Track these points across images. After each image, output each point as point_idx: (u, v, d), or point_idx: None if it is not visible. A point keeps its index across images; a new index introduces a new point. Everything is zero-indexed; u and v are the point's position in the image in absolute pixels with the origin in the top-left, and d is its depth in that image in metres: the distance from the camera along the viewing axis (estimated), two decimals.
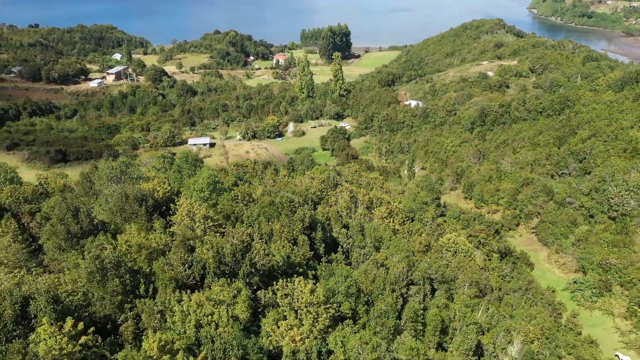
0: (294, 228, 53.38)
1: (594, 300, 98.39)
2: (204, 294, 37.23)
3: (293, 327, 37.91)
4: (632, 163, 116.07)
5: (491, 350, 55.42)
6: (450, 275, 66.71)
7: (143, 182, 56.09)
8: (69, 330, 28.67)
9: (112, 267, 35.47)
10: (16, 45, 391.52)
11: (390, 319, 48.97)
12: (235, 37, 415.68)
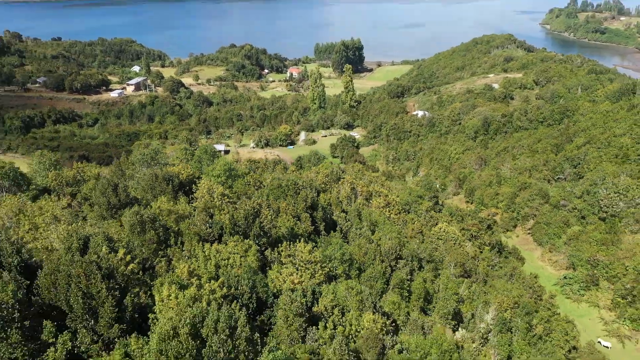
0: (297, 206, 62.86)
1: (581, 294, 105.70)
2: (221, 246, 46.70)
3: (293, 273, 47.13)
4: (622, 168, 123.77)
5: (469, 317, 63.83)
6: (438, 257, 75.39)
7: (169, 167, 66.31)
8: (121, 258, 38.23)
9: (149, 221, 45.24)
10: (40, 58, 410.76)
11: (378, 282, 57.93)
12: (250, 50, 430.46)
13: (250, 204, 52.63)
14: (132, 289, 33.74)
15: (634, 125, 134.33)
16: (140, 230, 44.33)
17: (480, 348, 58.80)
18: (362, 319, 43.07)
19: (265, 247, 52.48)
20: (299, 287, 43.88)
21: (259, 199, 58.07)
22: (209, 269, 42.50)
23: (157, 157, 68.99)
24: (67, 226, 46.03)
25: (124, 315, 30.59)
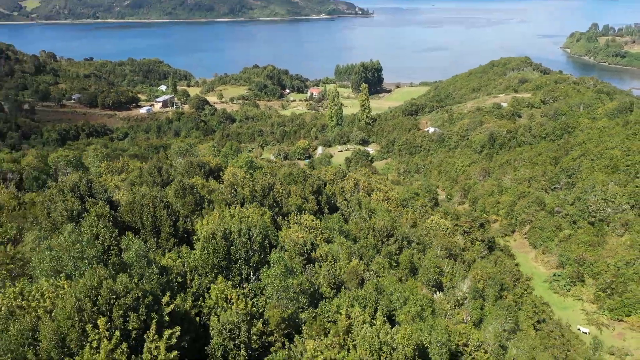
0: (305, 190, 77.52)
1: (567, 289, 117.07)
2: (243, 209, 61.44)
3: (298, 231, 61.57)
4: (611, 177, 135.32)
5: (448, 286, 77.07)
6: (427, 242, 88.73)
7: (201, 157, 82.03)
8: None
9: (188, 188, 60.50)
10: (73, 76, 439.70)
11: (369, 251, 71.87)
12: (272, 71, 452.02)
13: (266, 179, 67.70)
14: (181, 219, 48.69)
15: (626, 139, 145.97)
16: (182, 194, 59.57)
17: (454, 309, 71.81)
18: (350, 264, 57.19)
19: (277, 216, 67.18)
20: (301, 239, 58.28)
21: (274, 179, 73.07)
22: (234, 220, 57.35)
23: (191, 149, 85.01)
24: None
25: (177, 233, 45.38)
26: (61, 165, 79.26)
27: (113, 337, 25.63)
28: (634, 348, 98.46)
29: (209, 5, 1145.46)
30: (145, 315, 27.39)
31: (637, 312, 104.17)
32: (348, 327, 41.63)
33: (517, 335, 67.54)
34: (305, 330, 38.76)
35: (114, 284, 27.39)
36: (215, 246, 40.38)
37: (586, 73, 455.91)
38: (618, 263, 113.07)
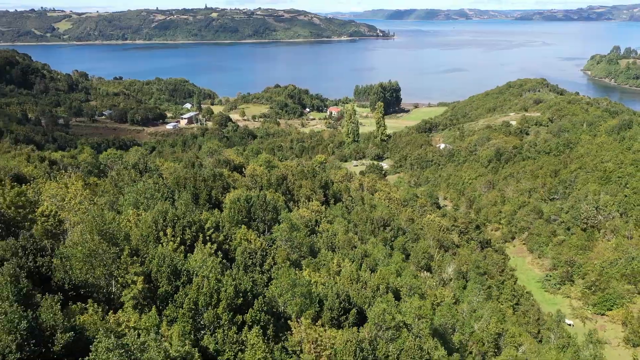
0: (314, 184, 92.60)
1: (558, 288, 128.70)
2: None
3: (306, 211, 76.51)
4: (604, 188, 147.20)
5: (436, 268, 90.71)
6: (422, 234, 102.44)
7: (226, 156, 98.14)
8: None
9: (218, 174, 76.20)
10: (103, 94, 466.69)
11: (367, 235, 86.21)
12: (293, 90, 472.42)
13: (280, 171, 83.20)
14: (214, 190, 64.31)
15: (620, 153, 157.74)
16: (212, 180, 75.32)
17: (440, 287, 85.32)
18: (346, 235, 71.77)
19: (289, 202, 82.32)
20: (308, 216, 73.22)
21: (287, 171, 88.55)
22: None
23: (219, 150, 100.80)
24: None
25: (210, 200, 60.80)
26: (110, 161, 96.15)
27: (175, 241, 40.92)
28: (613, 337, 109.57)
29: (233, 27, 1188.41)
30: (195, 232, 42.64)
31: (617, 306, 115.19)
32: (337, 270, 56.24)
33: (487, 303, 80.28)
34: (305, 267, 53.42)
35: (175, 212, 42.84)
36: (239, 206, 55.65)
37: (605, 95, 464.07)
38: (603, 264, 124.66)
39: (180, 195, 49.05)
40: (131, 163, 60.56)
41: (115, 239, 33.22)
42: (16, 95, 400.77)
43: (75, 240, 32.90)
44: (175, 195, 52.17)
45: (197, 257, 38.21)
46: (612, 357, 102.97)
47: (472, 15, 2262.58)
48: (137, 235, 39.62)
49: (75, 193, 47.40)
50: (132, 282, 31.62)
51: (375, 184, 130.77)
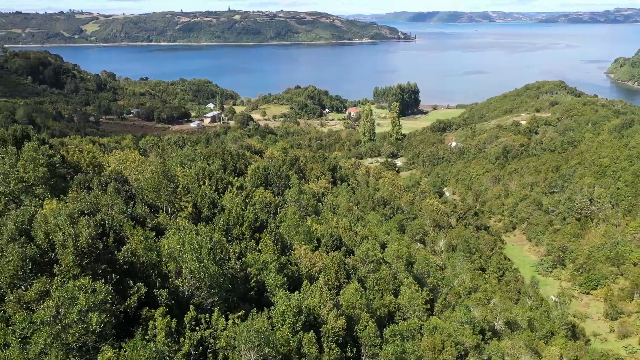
0: (324, 167, 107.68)
1: (550, 271, 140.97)
2: None
3: (315, 185, 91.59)
4: (598, 181, 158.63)
5: (429, 242, 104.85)
6: (419, 214, 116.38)
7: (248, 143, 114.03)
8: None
9: (241, 154, 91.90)
10: (130, 94, 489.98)
11: (367, 210, 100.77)
12: (313, 91, 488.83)
13: (293, 152, 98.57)
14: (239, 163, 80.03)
15: (617, 149, 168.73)
16: (237, 156, 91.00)
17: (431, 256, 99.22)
18: (347, 204, 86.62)
19: (300, 179, 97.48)
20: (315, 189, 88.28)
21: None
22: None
23: (241, 138, 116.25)
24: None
25: (236, 169, 76.36)
26: (149, 146, 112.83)
27: (212, 188, 56.35)
28: (594, 313, 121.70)
29: (256, 29, 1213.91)
30: (224, 185, 58.06)
31: (601, 286, 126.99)
32: (336, 226, 71.16)
33: (467, 264, 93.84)
34: (310, 220, 68.40)
35: (209, 167, 58.41)
36: (258, 173, 71.09)
37: (627, 97, 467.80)
38: (591, 248, 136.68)
39: (213, 162, 64.55)
40: (173, 140, 76.49)
41: (172, 179, 48.55)
42: (49, 95, 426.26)
43: (147, 177, 48.46)
44: (209, 161, 67.85)
45: (227, 196, 53.50)
46: (592, 328, 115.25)
47: (496, 17, 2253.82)
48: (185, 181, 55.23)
49: (134, 158, 63.28)
50: (184, 207, 46.79)
51: (381, 172, 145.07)
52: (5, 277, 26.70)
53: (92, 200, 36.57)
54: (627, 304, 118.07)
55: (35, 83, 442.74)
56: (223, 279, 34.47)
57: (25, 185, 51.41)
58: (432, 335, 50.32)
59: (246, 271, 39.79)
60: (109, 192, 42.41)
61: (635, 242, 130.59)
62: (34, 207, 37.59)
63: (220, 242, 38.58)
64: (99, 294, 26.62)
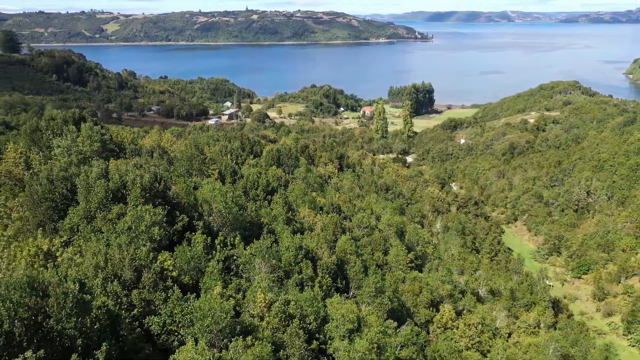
0: (332, 155, 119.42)
1: (546, 258, 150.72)
2: None
3: (323, 169, 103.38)
4: (596, 175, 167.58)
5: (427, 225, 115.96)
6: (419, 200, 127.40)
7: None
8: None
9: (257, 141, 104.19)
10: (150, 92, 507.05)
11: (370, 193, 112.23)
12: (328, 90, 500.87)
13: (304, 141, 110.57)
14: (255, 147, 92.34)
15: (616, 145, 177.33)
16: (254, 141, 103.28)
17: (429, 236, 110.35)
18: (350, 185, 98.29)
19: (310, 164, 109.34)
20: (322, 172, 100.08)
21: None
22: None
23: (258, 128, 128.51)
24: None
25: (253, 151, 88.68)
26: (175, 135, 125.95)
27: (232, 160, 68.62)
28: (583, 295, 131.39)
29: (273, 29, 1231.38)
30: (243, 159, 70.27)
31: (592, 270, 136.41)
32: (338, 198, 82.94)
33: (456, 240, 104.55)
34: (315, 194, 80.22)
35: (230, 145, 70.73)
36: (272, 154, 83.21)
37: None
38: (585, 237, 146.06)
39: (233, 143, 76.80)
40: (198, 127, 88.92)
41: (202, 151, 60.83)
42: (72, 92, 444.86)
43: (182, 149, 60.90)
44: (229, 142, 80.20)
45: (245, 167, 65.69)
46: (580, 308, 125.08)
47: (515, 17, 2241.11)
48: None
49: (168, 139, 75.84)
50: (211, 173, 58.86)
51: (387, 162, 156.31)
52: (95, 203, 39.10)
53: (144, 160, 48.96)
54: (614, 287, 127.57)
55: (59, 81, 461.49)
56: (242, 219, 46.62)
57: (83, 157, 64.33)
58: (412, 283, 61.77)
59: (260, 220, 51.89)
60: (155, 156, 54.78)
61: (625, 230, 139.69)
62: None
63: (240, 196, 50.74)
64: (158, 216, 38.90)
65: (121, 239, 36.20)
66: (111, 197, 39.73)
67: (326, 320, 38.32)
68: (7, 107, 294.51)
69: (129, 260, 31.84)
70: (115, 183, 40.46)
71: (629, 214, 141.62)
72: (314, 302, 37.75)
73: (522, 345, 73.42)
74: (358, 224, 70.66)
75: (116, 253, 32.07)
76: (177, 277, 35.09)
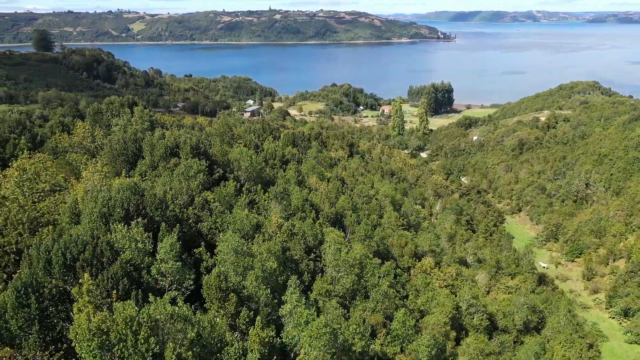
0: (343, 143, 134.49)
1: (544, 244, 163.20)
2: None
3: (333, 153, 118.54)
4: (595, 168, 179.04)
5: (428, 206, 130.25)
6: (423, 185, 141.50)
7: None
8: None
9: (276, 128, 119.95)
10: (175, 90, 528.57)
11: (376, 174, 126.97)
12: (348, 89, 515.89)
13: (318, 130, 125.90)
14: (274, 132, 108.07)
15: (617, 141, 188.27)
16: (274, 130, 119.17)
17: (429, 217, 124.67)
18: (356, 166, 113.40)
19: (322, 147, 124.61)
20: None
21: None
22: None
23: (277, 120, 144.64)
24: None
25: (273, 135, 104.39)
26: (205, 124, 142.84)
27: (255, 139, 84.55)
28: (574, 275, 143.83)
29: (296, 28, 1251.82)
30: (263, 139, 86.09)
31: (584, 254, 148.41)
32: (343, 175, 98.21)
33: (450, 216, 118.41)
34: (324, 171, 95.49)
35: (253, 126, 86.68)
36: (288, 136, 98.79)
37: None
38: (580, 224, 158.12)
39: (256, 124, 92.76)
40: (227, 112, 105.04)
41: (231, 129, 76.78)
42: (102, 89, 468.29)
43: (216, 127, 77.02)
44: (253, 124, 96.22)
45: (266, 143, 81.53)
46: (570, 286, 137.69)
47: (541, 17, 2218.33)
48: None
49: (202, 121, 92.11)
50: (238, 145, 74.76)
51: (394, 152, 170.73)
52: (157, 156, 55.20)
53: (187, 130, 65.12)
54: (602, 268, 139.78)
55: (89, 78, 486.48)
56: (263, 175, 62.34)
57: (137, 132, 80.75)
58: (400, 238, 76.67)
59: (275, 181, 67.56)
60: (195, 129, 70.91)
61: (616, 217, 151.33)
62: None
63: (261, 163, 66.50)
64: (202, 166, 54.81)
65: (179, 178, 52.16)
66: (169, 153, 55.77)
67: (322, 242, 53.40)
68: (44, 102, 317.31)
69: (186, 189, 47.68)
70: (171, 143, 56.45)
71: (621, 203, 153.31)
72: (313, 227, 53.00)
73: (497, 300, 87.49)
74: (358, 193, 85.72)
75: (176, 184, 47.94)
76: (215, 205, 50.91)
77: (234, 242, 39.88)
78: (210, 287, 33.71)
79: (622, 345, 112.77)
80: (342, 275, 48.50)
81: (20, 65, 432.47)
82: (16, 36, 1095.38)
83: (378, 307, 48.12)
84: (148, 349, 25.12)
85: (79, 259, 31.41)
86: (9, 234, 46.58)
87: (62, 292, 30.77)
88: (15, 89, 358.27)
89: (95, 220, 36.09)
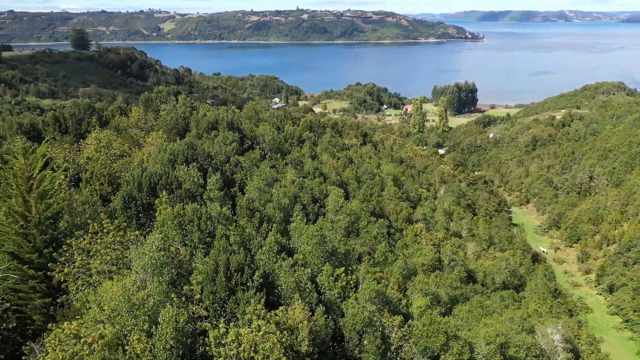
0: (357, 132, 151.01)
1: (546, 231, 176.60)
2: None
3: (347, 140, 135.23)
4: (599, 162, 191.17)
5: (432, 190, 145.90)
6: (430, 173, 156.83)
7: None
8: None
9: (297, 118, 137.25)
10: (204, 88, 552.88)
11: (384, 160, 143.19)
12: (372, 88, 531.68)
13: (334, 119, 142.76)
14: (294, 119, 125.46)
15: (623, 137, 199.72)
16: (295, 120, 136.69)
17: (433, 201, 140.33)
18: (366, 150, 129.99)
19: (337, 133, 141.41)
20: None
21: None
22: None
23: (299, 112, 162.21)
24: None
25: (294, 122, 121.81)
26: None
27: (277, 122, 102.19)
28: (570, 259, 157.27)
29: (323, 28, 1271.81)
30: (284, 122, 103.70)
31: (581, 240, 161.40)
32: (352, 155, 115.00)
33: (450, 197, 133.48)
34: (336, 154, 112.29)
35: (276, 113, 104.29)
36: (306, 123, 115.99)
37: None
38: (580, 213, 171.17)
39: (279, 111, 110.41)
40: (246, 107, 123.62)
41: (258, 115, 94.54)
42: (135, 86, 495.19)
43: (245, 112, 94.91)
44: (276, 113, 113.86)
45: (286, 126, 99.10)
46: (565, 268, 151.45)
47: (573, 17, 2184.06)
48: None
49: (234, 109, 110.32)
50: (262, 124, 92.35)
51: (407, 143, 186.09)
52: (202, 129, 73.12)
53: (224, 111, 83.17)
54: (597, 252, 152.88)
55: (123, 76, 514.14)
56: (282, 149, 79.78)
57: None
58: (396, 205, 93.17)
59: (292, 153, 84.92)
60: (229, 111, 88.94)
61: (613, 207, 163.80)
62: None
63: (281, 140, 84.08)
64: (235, 137, 72.48)
65: (218, 144, 69.95)
66: (210, 127, 73.67)
67: (327, 196, 70.31)
68: (84, 97, 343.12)
69: (224, 151, 65.38)
70: (212, 119, 74.33)
71: (618, 193, 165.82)
72: (320, 185, 70.04)
73: (483, 265, 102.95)
74: (364, 171, 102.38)
75: (217, 147, 65.70)
76: (246, 163, 68.55)
77: (259, 183, 56.98)
78: (242, 207, 50.70)
79: (604, 316, 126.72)
80: (340, 218, 65.32)
81: (59, 63, 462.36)
82: (52, 35, 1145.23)
83: (366, 243, 64.55)
84: (206, 228, 42.30)
85: (158, 183, 48.85)
86: (94, 183, 65.17)
87: (149, 203, 48.51)
88: (55, 86, 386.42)
89: (165, 164, 53.66)
